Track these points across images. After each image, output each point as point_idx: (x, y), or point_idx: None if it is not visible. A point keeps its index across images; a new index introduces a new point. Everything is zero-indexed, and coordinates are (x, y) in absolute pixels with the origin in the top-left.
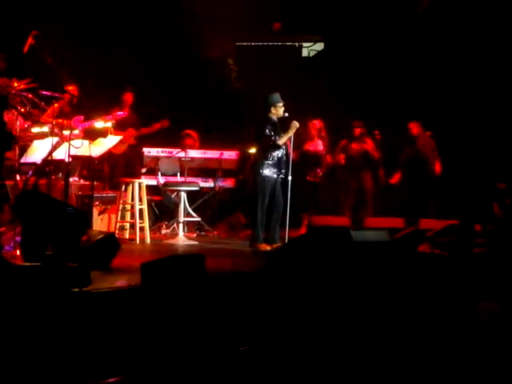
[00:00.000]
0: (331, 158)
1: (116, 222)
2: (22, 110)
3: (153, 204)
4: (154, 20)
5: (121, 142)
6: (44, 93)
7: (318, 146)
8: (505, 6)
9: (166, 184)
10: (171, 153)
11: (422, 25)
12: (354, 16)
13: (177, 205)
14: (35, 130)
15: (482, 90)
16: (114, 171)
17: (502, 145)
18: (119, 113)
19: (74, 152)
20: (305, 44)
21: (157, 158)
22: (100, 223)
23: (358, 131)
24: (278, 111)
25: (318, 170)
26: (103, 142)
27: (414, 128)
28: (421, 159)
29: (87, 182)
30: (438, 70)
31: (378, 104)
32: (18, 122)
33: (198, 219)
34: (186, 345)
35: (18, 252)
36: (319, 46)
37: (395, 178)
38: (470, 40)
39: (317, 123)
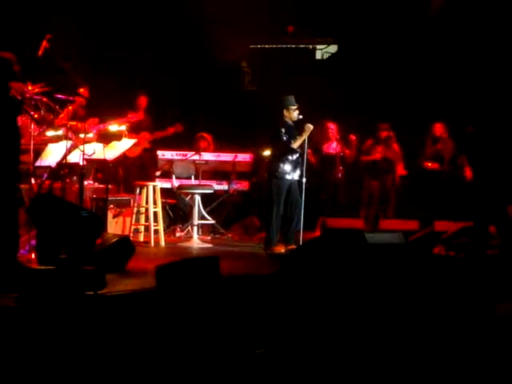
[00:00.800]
0: (350, 157)
1: (131, 225)
2: (36, 115)
3: (167, 207)
4: (168, 23)
5: (135, 145)
6: (58, 96)
7: (335, 147)
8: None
9: (180, 187)
10: (185, 156)
11: (435, 25)
12: (367, 18)
13: (191, 207)
14: (50, 133)
15: (497, 91)
16: (128, 174)
17: None
18: (133, 115)
19: (88, 155)
20: (318, 46)
21: (171, 161)
22: (115, 226)
23: (384, 134)
24: (291, 114)
25: (337, 171)
26: (118, 145)
27: (439, 129)
28: (438, 160)
29: (102, 185)
30: (454, 70)
31: (393, 105)
32: (32, 126)
33: (213, 222)
34: (201, 347)
35: (34, 255)
36: (333, 49)
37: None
38: (486, 40)
39: (332, 125)
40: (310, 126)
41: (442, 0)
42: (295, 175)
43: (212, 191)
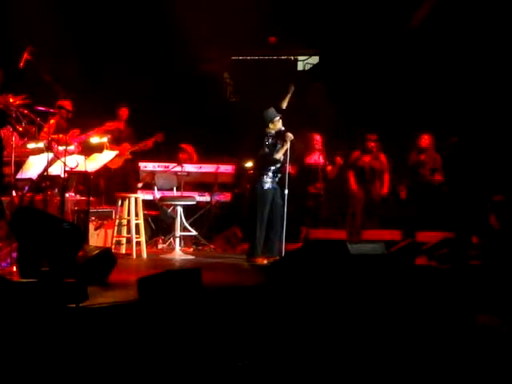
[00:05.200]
0: (332, 169)
1: (112, 237)
2: (20, 128)
3: (149, 219)
4: (149, 34)
5: (117, 156)
6: (40, 108)
7: (318, 159)
8: (498, 16)
9: (162, 198)
10: (167, 167)
11: (415, 38)
12: (348, 29)
13: (173, 219)
14: (31, 145)
15: (478, 102)
16: (110, 186)
17: (498, 157)
18: (111, 124)
19: (71, 168)
20: (300, 57)
21: (153, 173)
22: (96, 238)
23: (371, 145)
24: (276, 125)
25: (318, 183)
26: (99, 157)
27: (425, 140)
28: (420, 171)
29: (83, 198)
30: (434, 81)
31: (374, 115)
32: (13, 138)
33: (195, 233)
34: (183, 359)
35: (15, 268)
36: (314, 60)
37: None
38: (465, 51)
39: (317, 137)
40: (290, 136)
41: (424, 12)
42: (278, 186)
43: (194, 203)
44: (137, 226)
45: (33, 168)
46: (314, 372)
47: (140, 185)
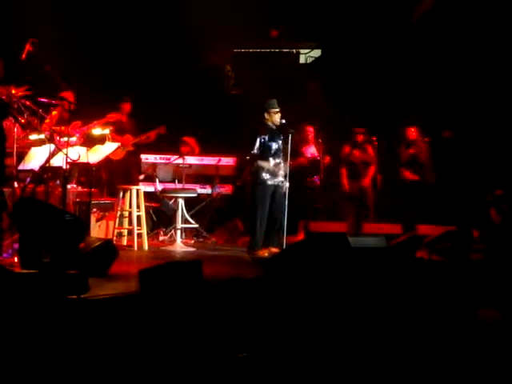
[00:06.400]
0: (330, 160)
1: (114, 228)
2: (23, 120)
3: (150, 211)
4: (152, 26)
5: (119, 148)
6: (42, 100)
7: (314, 151)
8: (501, 11)
9: (163, 191)
10: (169, 159)
11: (417, 31)
12: (350, 22)
13: (174, 211)
14: (33, 137)
15: (479, 95)
16: (111, 178)
17: (499, 151)
18: (112, 115)
19: (73, 160)
20: (302, 51)
21: (154, 165)
22: (98, 230)
23: (360, 138)
24: (272, 117)
25: (315, 176)
26: (101, 148)
27: (412, 133)
28: (414, 164)
29: (85, 189)
30: (435, 75)
31: (375, 109)
32: (15, 129)
33: (196, 226)
34: (184, 351)
35: (16, 259)
36: (316, 53)
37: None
38: (466, 46)
39: (311, 129)
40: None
41: (424, 8)
42: (278, 179)
43: (195, 195)
44: (138, 217)
45: (35, 159)
46: (313, 365)
47: (142, 177)
